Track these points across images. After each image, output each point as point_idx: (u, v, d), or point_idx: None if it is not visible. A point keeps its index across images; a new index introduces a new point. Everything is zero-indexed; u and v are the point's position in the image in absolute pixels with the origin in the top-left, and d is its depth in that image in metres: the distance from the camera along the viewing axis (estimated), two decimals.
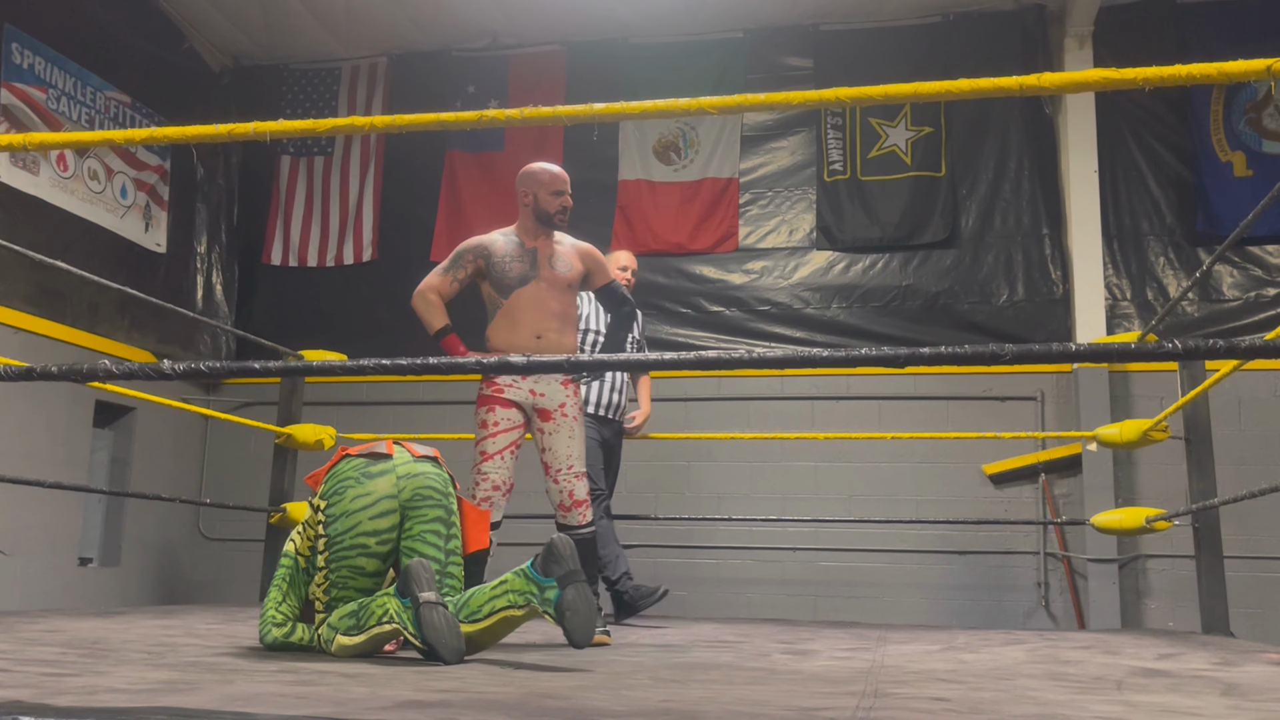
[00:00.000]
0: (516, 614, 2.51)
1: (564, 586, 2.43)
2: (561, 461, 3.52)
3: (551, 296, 3.55)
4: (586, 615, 2.43)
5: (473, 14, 7.04)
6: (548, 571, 2.46)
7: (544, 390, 3.54)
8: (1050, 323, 6.40)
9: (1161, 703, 1.89)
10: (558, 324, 3.55)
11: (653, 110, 2.01)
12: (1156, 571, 5.99)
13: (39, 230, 5.73)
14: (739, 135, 7.03)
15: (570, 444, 3.53)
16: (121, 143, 2.15)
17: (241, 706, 1.57)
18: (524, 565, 2.53)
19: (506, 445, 3.51)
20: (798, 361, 1.93)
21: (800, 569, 6.34)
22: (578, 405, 3.57)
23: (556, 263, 3.57)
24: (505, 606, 2.51)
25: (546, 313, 3.54)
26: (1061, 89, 1.90)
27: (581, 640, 2.43)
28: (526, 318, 3.52)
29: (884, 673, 2.44)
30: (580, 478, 3.53)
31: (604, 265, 3.71)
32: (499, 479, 3.49)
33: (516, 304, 3.53)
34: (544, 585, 2.46)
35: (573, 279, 3.59)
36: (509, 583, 2.53)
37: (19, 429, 5.64)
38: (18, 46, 5.78)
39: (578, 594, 2.43)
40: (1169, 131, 6.54)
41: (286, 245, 7.49)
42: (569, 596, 2.42)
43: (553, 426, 3.53)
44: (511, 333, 3.53)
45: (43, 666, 2.12)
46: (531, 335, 3.51)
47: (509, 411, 3.52)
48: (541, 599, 2.46)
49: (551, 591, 2.44)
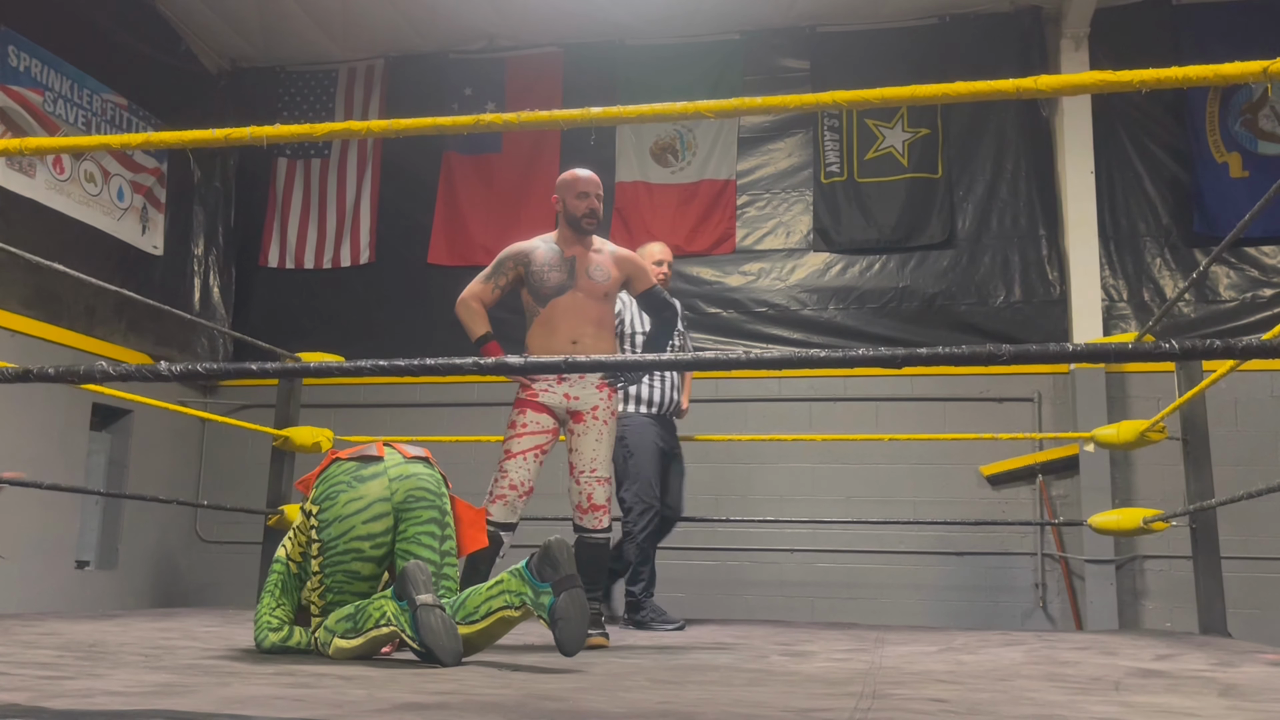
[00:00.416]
0: (513, 614, 2.50)
1: (558, 592, 2.43)
2: (586, 463, 3.52)
3: (589, 305, 3.57)
4: (578, 623, 2.42)
5: (469, 16, 7.05)
6: (543, 575, 2.46)
7: (578, 394, 3.55)
8: (1047, 324, 6.41)
9: (1159, 703, 1.90)
10: (594, 330, 3.56)
11: (650, 114, 2.01)
12: (1154, 572, 5.99)
13: (36, 233, 5.72)
14: (736, 137, 7.03)
15: (597, 447, 3.53)
16: (119, 147, 2.15)
17: (239, 709, 1.57)
18: (519, 565, 2.52)
19: (531, 447, 3.51)
20: (796, 362, 1.93)
21: (798, 570, 6.34)
22: (611, 410, 3.58)
23: (594, 271, 3.59)
24: (501, 607, 2.50)
25: (583, 320, 3.55)
26: (1058, 91, 1.90)
27: (571, 648, 2.42)
28: (563, 325, 3.55)
29: (882, 674, 2.44)
30: (602, 483, 3.53)
31: (644, 271, 3.71)
32: (517, 479, 3.49)
33: (554, 312, 3.56)
34: (539, 589, 2.45)
35: (609, 288, 3.61)
36: (505, 583, 2.52)
37: (16, 432, 5.64)
38: (14, 49, 5.78)
39: (570, 601, 2.42)
40: (1165, 133, 6.55)
41: (284, 247, 7.49)
42: (562, 603, 2.41)
43: (583, 428, 3.53)
44: (548, 340, 3.55)
45: (39, 669, 2.11)
46: (568, 341, 3.53)
47: (540, 416, 3.53)
48: (535, 603, 2.45)
49: (546, 596, 2.43)
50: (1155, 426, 4.55)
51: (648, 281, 3.71)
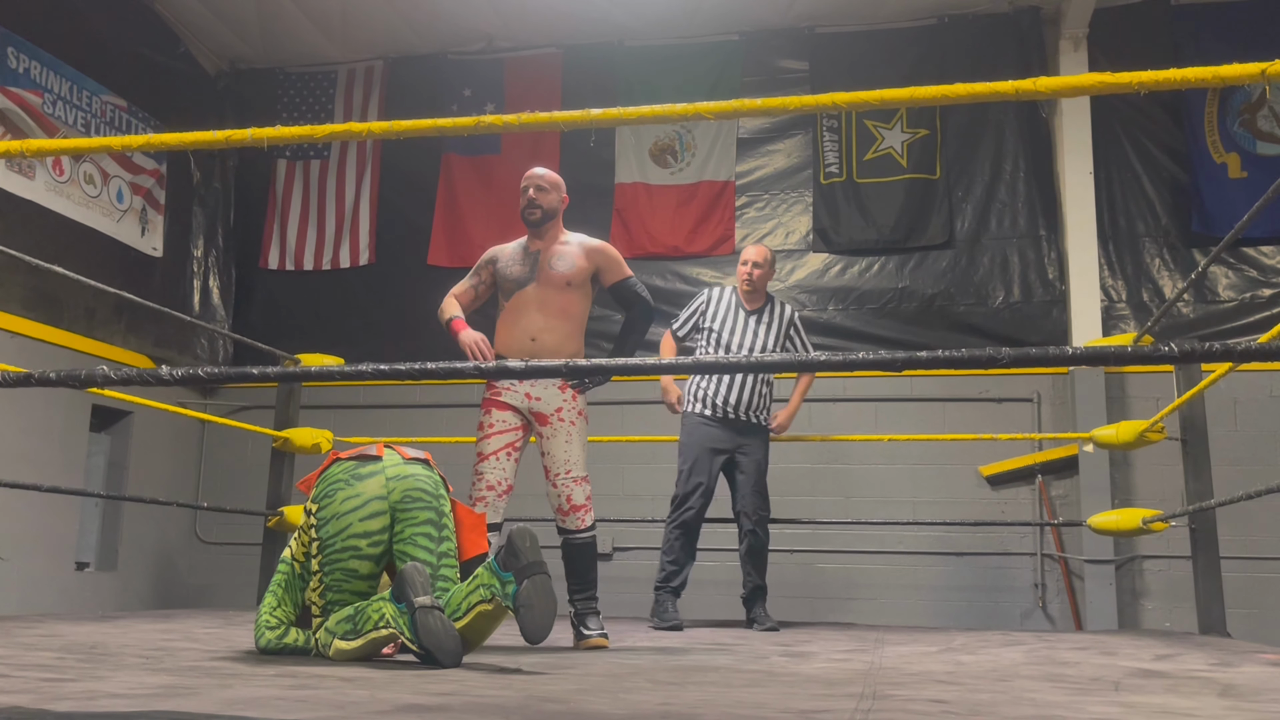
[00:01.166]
0: (486, 608, 2.51)
1: (520, 580, 2.44)
2: (559, 466, 3.53)
3: (550, 297, 3.57)
4: (541, 610, 2.42)
5: (468, 17, 7.05)
6: (507, 565, 2.48)
7: (539, 394, 3.55)
8: (1046, 324, 6.41)
9: (1158, 703, 1.90)
10: (556, 323, 3.56)
11: (651, 115, 2.02)
12: (1153, 572, 6.00)
13: (35, 235, 5.72)
14: (735, 138, 7.04)
15: (568, 448, 3.54)
16: (120, 149, 2.15)
17: (241, 711, 1.57)
18: (490, 559, 2.54)
19: (501, 447, 3.54)
20: (796, 365, 1.93)
21: (797, 571, 6.34)
22: (577, 409, 3.57)
23: (557, 262, 3.60)
24: (478, 602, 2.52)
25: (545, 314, 3.56)
26: (1057, 93, 1.91)
27: (536, 636, 2.42)
28: (523, 320, 3.57)
29: (882, 674, 2.44)
30: (579, 482, 3.54)
31: (617, 262, 3.70)
32: (494, 479, 3.52)
33: (516, 305, 3.60)
34: (504, 579, 2.47)
35: (572, 276, 3.59)
36: (479, 577, 2.55)
37: (16, 433, 5.64)
38: (14, 51, 5.78)
39: (533, 588, 2.43)
40: (1164, 133, 6.56)
41: (283, 249, 7.49)
42: (525, 590, 2.43)
43: (550, 431, 3.54)
44: (508, 335, 3.59)
45: (41, 671, 2.12)
46: (526, 337, 3.54)
47: (505, 414, 3.57)
48: (502, 593, 2.47)
49: (510, 585, 2.45)
50: (1154, 427, 4.56)
51: (620, 273, 3.70)
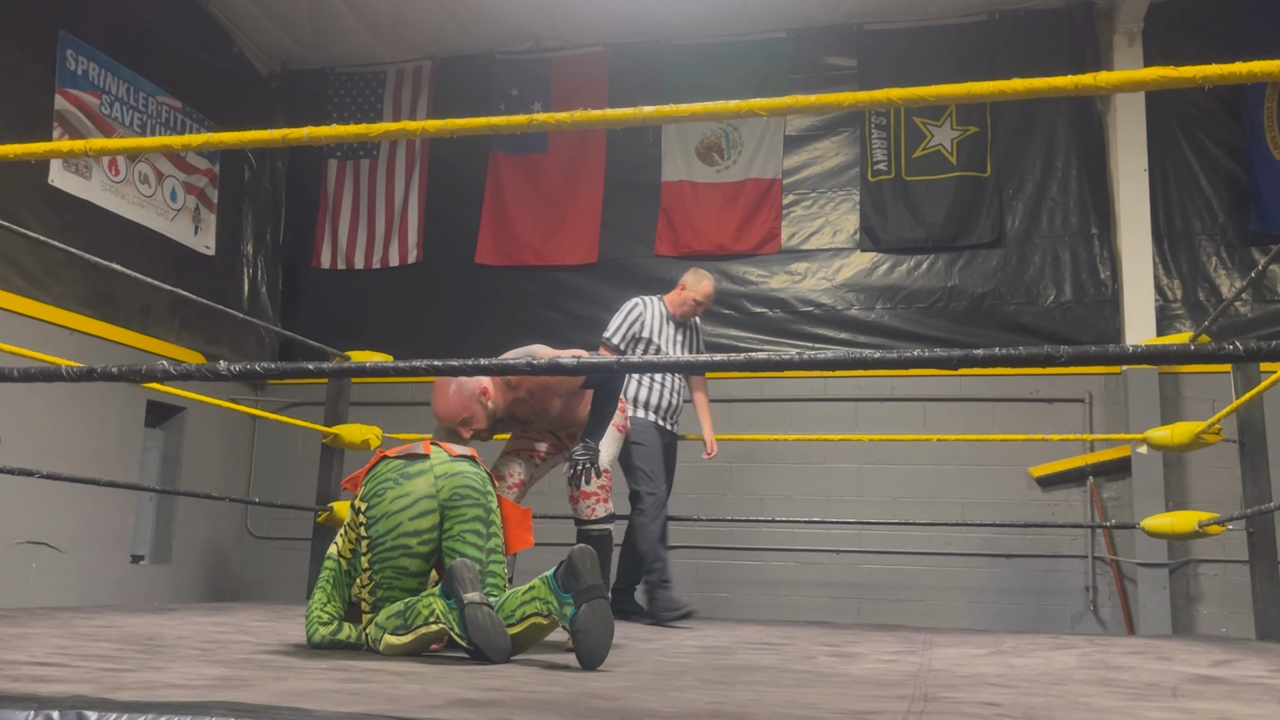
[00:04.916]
0: (542, 622, 2.50)
1: (579, 603, 2.39)
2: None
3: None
4: (600, 635, 2.37)
5: (516, 17, 7.08)
6: (566, 586, 2.43)
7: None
8: (1099, 324, 6.31)
9: (1218, 710, 1.86)
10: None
11: (702, 113, 2.01)
12: (1208, 577, 5.88)
13: (91, 234, 5.83)
14: (782, 136, 7.00)
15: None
16: (180, 149, 2.19)
17: (298, 702, 1.59)
18: (548, 573, 2.52)
19: (524, 447, 3.65)
20: (849, 363, 1.92)
21: (844, 571, 6.30)
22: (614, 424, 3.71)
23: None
24: (533, 614, 2.50)
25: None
26: (1117, 88, 1.87)
27: (592, 662, 2.37)
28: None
29: (932, 676, 2.42)
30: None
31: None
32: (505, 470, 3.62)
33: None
34: (563, 600, 2.43)
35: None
36: (536, 589, 2.51)
37: (74, 428, 5.76)
38: (72, 53, 5.90)
39: (592, 613, 2.37)
40: (1221, 129, 6.43)
41: (335, 248, 7.57)
42: (583, 615, 2.37)
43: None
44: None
45: (101, 662, 2.16)
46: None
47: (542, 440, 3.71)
48: (559, 613, 2.44)
49: (568, 608, 2.41)
50: (1211, 428, 4.47)
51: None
